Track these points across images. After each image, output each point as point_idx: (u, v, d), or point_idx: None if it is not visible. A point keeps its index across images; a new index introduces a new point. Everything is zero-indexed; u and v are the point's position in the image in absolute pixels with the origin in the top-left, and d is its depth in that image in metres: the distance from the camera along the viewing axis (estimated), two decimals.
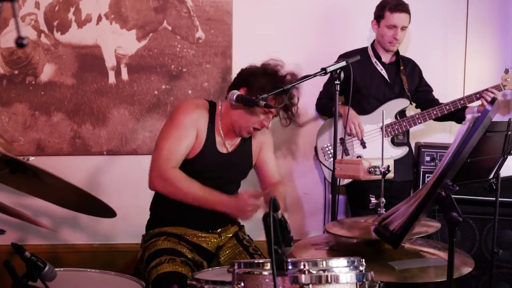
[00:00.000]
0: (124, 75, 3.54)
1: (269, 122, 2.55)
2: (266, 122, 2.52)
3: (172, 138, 2.47)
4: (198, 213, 2.45)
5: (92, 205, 1.79)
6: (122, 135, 3.57)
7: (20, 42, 0.85)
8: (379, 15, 3.33)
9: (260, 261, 1.58)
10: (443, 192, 1.64)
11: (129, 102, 3.55)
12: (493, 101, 1.42)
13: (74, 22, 3.47)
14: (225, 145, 2.60)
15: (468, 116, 1.47)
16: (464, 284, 3.20)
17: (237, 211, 2.34)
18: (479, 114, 1.39)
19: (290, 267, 1.51)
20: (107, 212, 1.81)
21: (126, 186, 3.58)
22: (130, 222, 3.36)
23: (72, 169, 3.56)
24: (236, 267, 1.58)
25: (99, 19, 3.48)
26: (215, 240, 2.59)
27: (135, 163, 3.59)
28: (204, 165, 2.53)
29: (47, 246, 3.56)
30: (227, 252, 2.60)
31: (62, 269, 2.19)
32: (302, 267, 1.50)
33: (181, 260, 2.37)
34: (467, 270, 2.03)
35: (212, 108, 2.60)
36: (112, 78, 3.53)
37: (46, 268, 1.84)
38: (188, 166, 2.50)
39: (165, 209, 2.60)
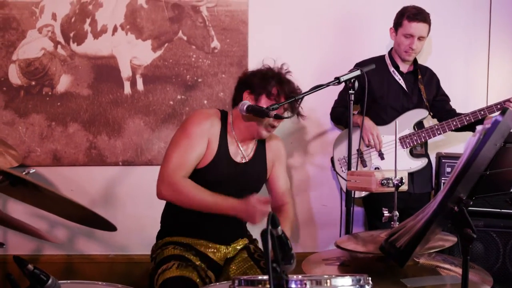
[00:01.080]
0: (140, 86, 3.54)
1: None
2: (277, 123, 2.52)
3: (181, 147, 2.44)
4: (208, 225, 2.42)
5: (93, 219, 1.76)
6: (138, 145, 3.56)
7: None
8: (397, 23, 3.25)
9: (261, 278, 1.51)
10: (455, 207, 1.56)
11: (145, 112, 3.55)
12: (504, 112, 1.34)
13: (90, 33, 3.48)
14: (240, 154, 2.56)
15: (479, 128, 1.39)
16: None
17: (246, 215, 2.29)
18: (489, 125, 1.31)
19: (292, 285, 1.44)
20: (107, 226, 1.78)
21: (142, 197, 3.56)
22: (145, 233, 3.32)
23: (88, 179, 3.57)
24: (236, 284, 1.52)
25: (115, 29, 3.49)
26: (223, 252, 2.54)
27: (151, 174, 3.51)
28: (218, 174, 2.49)
29: (63, 256, 3.57)
30: (237, 266, 2.54)
31: (68, 281, 2.16)
32: (304, 285, 1.43)
33: (189, 265, 2.34)
34: None
35: (224, 117, 2.57)
36: (127, 89, 3.53)
37: (50, 281, 1.81)
38: (201, 175, 2.47)
39: (175, 221, 2.58)
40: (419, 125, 3.31)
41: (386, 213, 2.06)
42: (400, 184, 2.03)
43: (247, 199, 2.29)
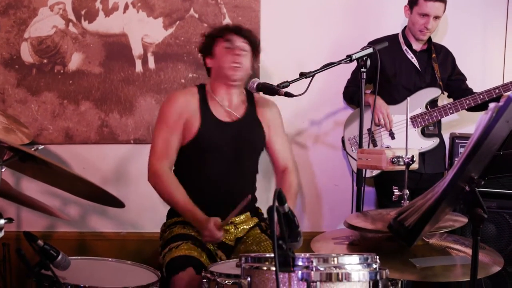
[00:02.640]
0: (151, 64, 3.52)
1: (241, 56, 2.54)
2: (237, 58, 2.53)
3: (162, 131, 2.56)
4: (214, 203, 2.47)
5: (102, 195, 1.77)
6: (149, 123, 3.55)
7: None
8: (412, 1, 3.18)
9: (268, 255, 1.51)
10: (466, 187, 1.54)
11: (156, 90, 3.53)
12: None
13: (101, 11, 3.47)
14: (230, 113, 2.59)
15: (491, 105, 1.36)
16: (499, 281, 3.06)
17: (202, 233, 2.38)
18: (502, 103, 1.28)
19: (299, 263, 1.44)
20: (115, 202, 1.78)
21: None
22: (157, 211, 3.34)
23: (100, 157, 3.58)
24: (243, 261, 1.53)
25: (126, 7, 3.47)
26: (233, 232, 2.55)
27: None
28: (210, 139, 2.53)
29: (75, 233, 3.60)
30: (250, 240, 2.54)
31: (79, 257, 2.19)
32: (310, 263, 1.43)
33: (197, 245, 2.36)
34: (496, 269, 1.91)
35: (201, 88, 2.65)
36: (139, 67, 3.52)
37: (59, 257, 1.84)
38: (194, 146, 2.53)
39: None
40: (432, 104, 3.26)
41: (396, 192, 2.05)
42: (411, 162, 2.01)
43: (208, 220, 2.34)
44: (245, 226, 2.59)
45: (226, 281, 1.82)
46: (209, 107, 2.57)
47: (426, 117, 3.19)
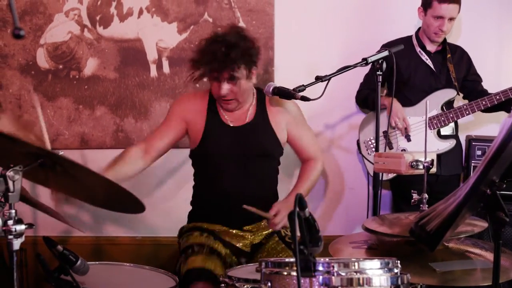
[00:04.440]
0: (166, 68, 3.54)
1: (223, 88, 2.46)
2: (219, 89, 2.48)
3: (161, 125, 2.70)
4: (230, 210, 2.47)
5: (121, 200, 1.77)
6: None
7: (17, 33, 0.80)
8: (426, 3, 3.17)
9: (288, 260, 1.50)
10: (488, 190, 1.52)
11: (171, 95, 3.54)
12: None
13: (116, 16, 3.49)
14: (237, 118, 2.58)
15: None
16: None
17: None
18: None
19: (320, 268, 1.43)
20: (136, 206, 1.78)
21: (168, 180, 3.58)
22: (172, 215, 3.36)
23: None
24: (263, 266, 1.52)
25: (141, 12, 3.49)
26: (249, 238, 2.54)
27: (177, 157, 3.56)
28: (216, 142, 2.53)
29: (92, 238, 3.61)
30: (269, 251, 2.53)
31: (97, 262, 2.20)
32: (331, 268, 1.42)
33: (213, 254, 2.35)
34: None
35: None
36: (153, 72, 3.54)
37: (78, 262, 1.84)
38: (203, 152, 2.54)
39: (201, 204, 2.61)
40: (448, 105, 3.24)
41: (415, 196, 2.03)
42: (430, 166, 2.00)
43: None
44: (262, 232, 2.57)
45: (245, 286, 1.81)
46: (218, 110, 2.58)
47: (442, 118, 3.17)
